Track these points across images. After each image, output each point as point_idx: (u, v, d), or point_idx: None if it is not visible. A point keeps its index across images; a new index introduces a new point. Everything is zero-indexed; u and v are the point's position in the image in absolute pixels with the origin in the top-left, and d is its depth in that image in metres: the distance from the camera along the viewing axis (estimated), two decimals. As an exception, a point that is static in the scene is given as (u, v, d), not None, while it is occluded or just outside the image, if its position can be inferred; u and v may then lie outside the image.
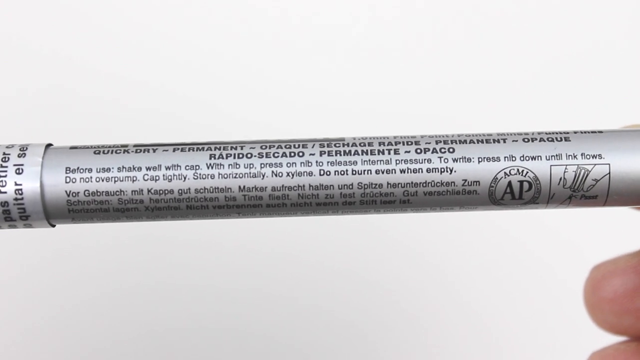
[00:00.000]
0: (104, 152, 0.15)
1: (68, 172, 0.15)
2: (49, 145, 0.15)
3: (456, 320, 0.34)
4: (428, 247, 0.34)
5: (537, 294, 0.34)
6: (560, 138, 0.15)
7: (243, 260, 0.34)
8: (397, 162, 0.15)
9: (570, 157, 0.15)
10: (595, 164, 0.15)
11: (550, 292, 0.34)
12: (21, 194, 0.14)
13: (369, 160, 0.15)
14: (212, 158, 0.15)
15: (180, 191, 0.15)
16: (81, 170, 0.15)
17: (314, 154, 0.15)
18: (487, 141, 0.15)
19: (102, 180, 0.15)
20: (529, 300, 0.34)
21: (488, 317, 0.34)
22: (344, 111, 0.34)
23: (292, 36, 0.35)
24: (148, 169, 0.15)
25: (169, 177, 0.15)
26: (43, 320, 0.33)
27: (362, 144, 0.15)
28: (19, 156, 0.15)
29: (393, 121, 0.34)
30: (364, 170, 0.15)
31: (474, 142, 0.15)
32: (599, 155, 0.15)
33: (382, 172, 0.15)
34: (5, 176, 0.14)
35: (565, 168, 0.15)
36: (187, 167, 0.15)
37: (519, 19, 0.36)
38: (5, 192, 0.14)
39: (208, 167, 0.15)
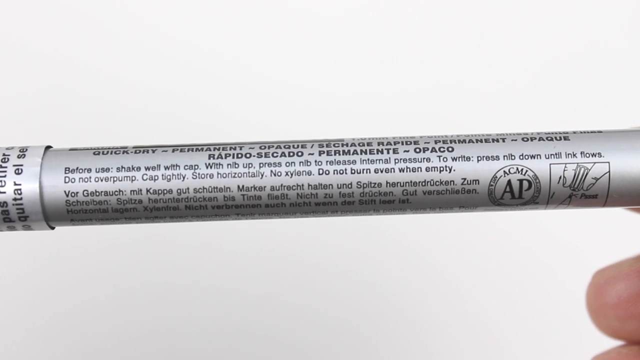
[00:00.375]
0: (103, 153, 0.15)
1: (67, 172, 0.15)
2: (48, 147, 0.15)
3: (457, 321, 0.34)
4: (429, 248, 0.34)
5: (537, 297, 0.34)
6: (560, 137, 0.15)
7: (243, 261, 0.34)
8: (396, 161, 0.15)
9: (569, 155, 0.15)
10: (594, 162, 0.15)
11: (551, 295, 0.34)
12: (20, 194, 0.14)
13: (368, 160, 0.15)
14: (211, 158, 0.15)
15: (179, 191, 0.15)
16: (80, 170, 0.15)
17: (312, 154, 0.15)
18: (486, 140, 0.15)
19: (101, 180, 0.15)
20: (530, 303, 0.34)
21: (488, 319, 0.34)
22: (344, 112, 0.34)
23: (292, 36, 0.35)
24: (147, 168, 0.15)
25: (168, 177, 0.15)
26: (43, 320, 0.33)
27: (361, 144, 0.15)
28: (18, 157, 0.15)
29: (392, 122, 0.34)
30: (363, 170, 0.15)
31: (473, 142, 0.15)
32: (598, 153, 0.15)
33: (381, 171, 0.15)
34: (5, 176, 0.14)
35: (565, 166, 0.15)
36: (186, 167, 0.15)
37: (519, 19, 0.36)
38: (4, 192, 0.14)
39: (207, 167, 0.15)
